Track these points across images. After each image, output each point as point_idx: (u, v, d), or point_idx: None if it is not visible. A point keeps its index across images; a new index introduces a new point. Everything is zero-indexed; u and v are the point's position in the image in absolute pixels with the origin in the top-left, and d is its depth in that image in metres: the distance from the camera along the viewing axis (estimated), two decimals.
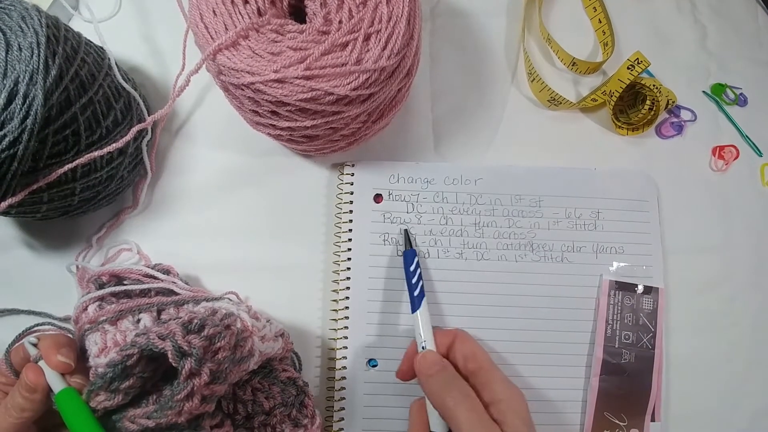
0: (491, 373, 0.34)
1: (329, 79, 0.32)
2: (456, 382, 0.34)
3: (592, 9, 0.48)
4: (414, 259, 0.40)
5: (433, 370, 0.34)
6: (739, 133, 0.46)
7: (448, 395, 0.33)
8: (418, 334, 0.37)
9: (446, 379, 0.34)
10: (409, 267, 0.40)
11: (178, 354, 0.28)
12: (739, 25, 0.49)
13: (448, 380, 0.34)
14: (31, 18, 0.33)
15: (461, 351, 0.36)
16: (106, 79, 0.38)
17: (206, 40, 0.33)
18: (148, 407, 0.29)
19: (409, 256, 0.40)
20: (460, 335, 0.37)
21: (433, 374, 0.34)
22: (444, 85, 0.46)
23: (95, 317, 0.34)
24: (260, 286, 0.42)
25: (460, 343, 0.36)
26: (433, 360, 0.35)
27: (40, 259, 0.43)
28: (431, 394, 0.34)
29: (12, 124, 0.31)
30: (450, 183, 0.43)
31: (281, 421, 0.35)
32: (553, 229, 0.43)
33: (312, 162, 0.45)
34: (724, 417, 0.42)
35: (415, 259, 0.40)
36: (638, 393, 0.40)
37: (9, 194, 0.33)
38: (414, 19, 0.35)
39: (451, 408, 0.32)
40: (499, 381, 0.34)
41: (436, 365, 0.35)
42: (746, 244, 0.44)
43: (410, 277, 0.39)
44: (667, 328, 0.42)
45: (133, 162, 0.41)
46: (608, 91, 0.44)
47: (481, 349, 0.36)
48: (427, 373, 0.34)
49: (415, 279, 0.39)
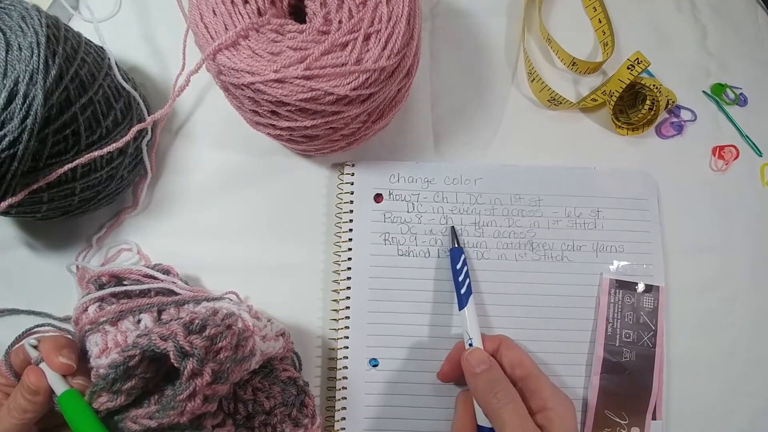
0: (540, 380, 0.34)
1: (329, 79, 0.32)
2: (503, 384, 0.34)
3: (592, 9, 0.48)
4: (461, 256, 0.40)
5: (481, 368, 0.35)
6: (739, 133, 0.46)
7: (494, 395, 0.33)
8: (465, 331, 0.38)
9: (493, 378, 0.34)
10: (456, 264, 0.40)
11: (180, 354, 0.28)
12: (739, 25, 0.49)
13: (495, 380, 0.34)
14: (31, 18, 0.33)
15: (507, 357, 0.36)
16: (106, 79, 0.38)
17: (206, 40, 0.33)
18: (150, 407, 0.29)
19: (456, 254, 0.40)
20: (505, 341, 0.37)
21: (480, 372, 0.34)
22: (444, 85, 0.46)
23: (95, 318, 0.34)
24: (260, 286, 0.42)
25: (506, 348, 0.36)
26: (480, 358, 0.35)
27: (40, 259, 0.43)
28: (477, 391, 0.34)
29: (12, 124, 0.31)
30: (450, 183, 0.43)
31: (282, 420, 0.35)
32: (553, 228, 0.43)
33: (312, 162, 0.45)
34: (724, 416, 0.42)
35: (462, 257, 0.40)
36: (639, 391, 0.40)
37: (9, 194, 0.33)
38: (414, 19, 0.35)
39: (495, 409, 0.32)
40: (549, 389, 0.34)
41: (483, 363, 0.35)
42: (746, 244, 0.44)
43: (457, 274, 0.40)
44: (667, 327, 0.42)
45: (133, 162, 0.41)
46: (608, 91, 0.44)
47: (528, 356, 0.36)
48: (475, 371, 0.35)
49: (462, 276, 0.39)
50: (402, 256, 0.42)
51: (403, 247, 0.42)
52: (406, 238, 0.42)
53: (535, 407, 0.33)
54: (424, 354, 0.41)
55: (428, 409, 0.40)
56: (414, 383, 0.41)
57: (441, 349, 0.41)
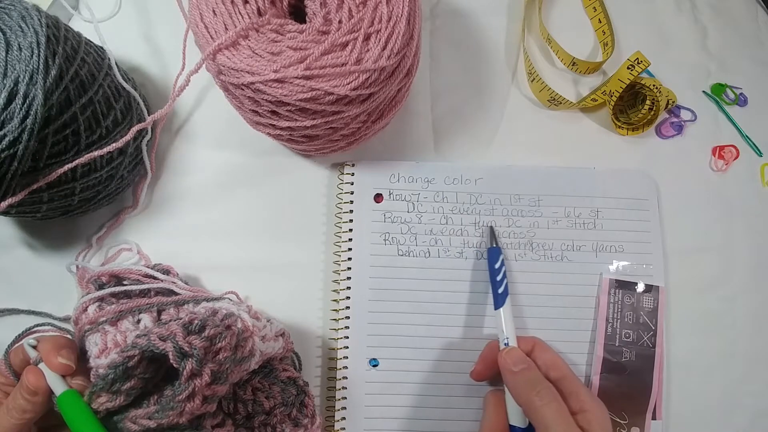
0: (576, 383, 0.35)
1: (329, 79, 0.32)
2: (543, 382, 0.34)
3: (592, 9, 0.48)
4: (499, 256, 0.40)
5: (519, 367, 0.35)
6: (739, 133, 0.46)
7: (535, 394, 0.33)
8: (500, 330, 0.38)
9: (533, 377, 0.34)
10: (494, 264, 0.40)
11: (179, 355, 0.28)
12: (739, 25, 0.49)
13: (535, 379, 0.34)
14: (31, 18, 0.33)
15: (542, 358, 0.36)
16: (106, 79, 0.38)
17: (206, 40, 0.33)
18: (149, 408, 0.29)
19: (494, 254, 0.41)
20: (539, 343, 0.37)
21: (518, 371, 0.35)
22: (444, 85, 0.46)
23: (95, 318, 0.34)
24: (260, 286, 0.42)
25: (540, 350, 0.37)
26: (519, 357, 0.35)
27: (40, 259, 0.43)
28: (516, 390, 0.34)
29: (12, 124, 0.31)
30: (450, 183, 0.43)
31: (281, 420, 0.35)
32: (553, 228, 0.43)
33: (312, 162, 0.45)
34: (724, 416, 0.42)
35: (500, 257, 0.40)
36: (639, 391, 0.40)
37: (9, 194, 0.33)
38: (414, 18, 0.35)
39: (538, 407, 0.32)
40: (585, 392, 0.34)
41: (522, 362, 0.35)
42: (746, 244, 0.44)
43: (495, 274, 0.40)
44: (667, 327, 0.42)
45: (133, 162, 0.41)
46: (608, 91, 0.44)
47: (561, 359, 0.36)
48: (513, 369, 0.35)
49: (500, 276, 0.40)
50: (402, 256, 0.42)
51: (403, 247, 0.42)
52: (406, 238, 0.42)
53: (575, 408, 0.33)
54: (424, 354, 0.41)
55: (428, 409, 0.40)
56: (414, 383, 0.41)
57: (441, 349, 0.41)
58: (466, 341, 0.41)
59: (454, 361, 0.41)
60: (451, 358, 0.41)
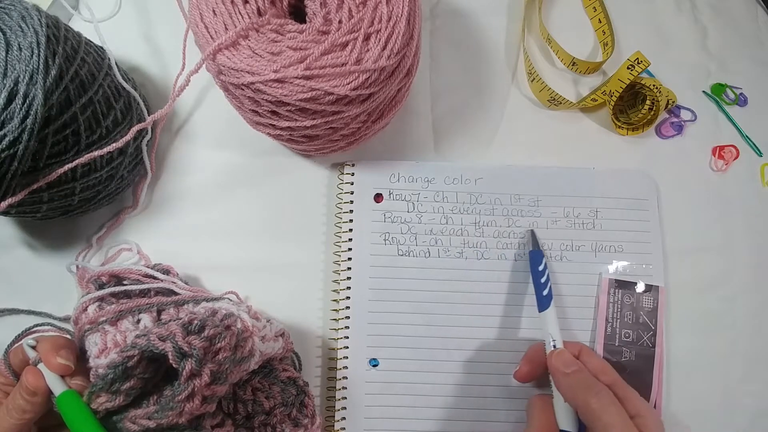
0: (627, 388, 0.34)
1: (329, 79, 0.32)
2: (600, 385, 0.33)
3: (592, 9, 0.48)
4: (542, 259, 0.40)
5: (571, 368, 0.34)
6: (739, 133, 0.46)
7: (593, 396, 0.32)
8: (547, 333, 0.38)
9: (588, 380, 0.34)
10: (537, 267, 0.40)
11: (179, 355, 0.28)
12: (739, 25, 0.49)
13: (590, 381, 0.34)
14: (31, 18, 0.33)
15: (591, 363, 0.36)
16: (106, 79, 0.38)
17: (206, 40, 0.33)
18: (149, 408, 0.29)
19: (536, 257, 0.41)
20: (586, 349, 0.37)
21: (571, 373, 0.34)
22: (444, 85, 0.46)
23: (95, 318, 0.34)
24: (260, 286, 0.42)
25: (587, 356, 0.36)
26: (570, 359, 0.35)
27: (40, 259, 0.43)
28: (570, 391, 0.34)
29: (12, 123, 0.31)
30: (450, 182, 0.43)
31: (281, 420, 0.35)
32: (552, 228, 0.43)
33: (312, 162, 0.45)
34: (724, 416, 0.42)
35: (543, 260, 0.40)
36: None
37: (9, 194, 0.33)
38: (414, 18, 0.35)
39: (596, 409, 0.32)
40: (638, 397, 0.34)
41: (573, 364, 0.35)
42: (746, 244, 0.44)
43: (538, 277, 0.40)
44: (667, 326, 0.42)
45: (133, 162, 0.41)
46: (608, 91, 0.44)
47: (609, 365, 0.36)
48: (565, 371, 0.34)
49: (543, 279, 0.40)
50: (402, 256, 0.42)
51: (403, 247, 0.42)
52: (406, 238, 0.42)
53: (630, 413, 0.33)
54: (424, 354, 0.41)
55: (428, 409, 0.40)
56: (414, 383, 0.41)
57: (442, 349, 0.41)
58: (467, 341, 0.41)
59: (454, 361, 0.41)
60: (452, 358, 0.41)
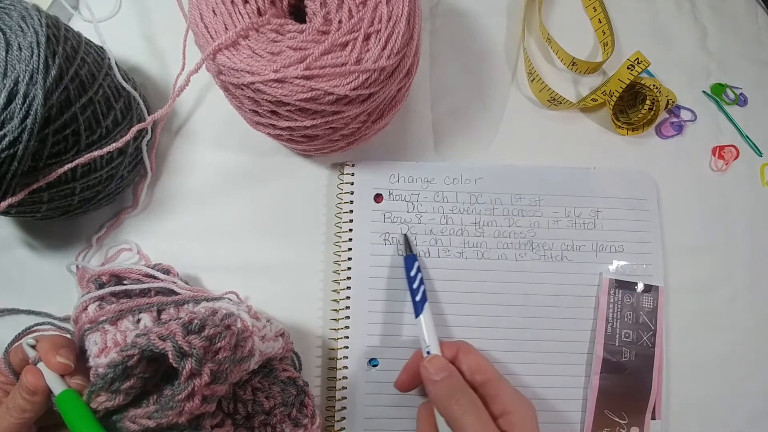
0: (500, 384, 0.34)
1: (329, 79, 0.32)
2: (463, 390, 0.33)
3: (592, 9, 0.48)
4: (414, 263, 0.40)
5: (440, 375, 0.34)
6: (739, 133, 0.46)
7: (455, 403, 0.32)
8: (422, 339, 0.37)
9: (453, 385, 0.34)
10: (409, 272, 0.40)
11: (179, 354, 0.28)
12: (739, 25, 0.49)
13: (455, 387, 0.33)
14: (31, 18, 0.33)
15: (466, 362, 0.35)
16: (106, 79, 0.38)
17: (206, 39, 0.33)
18: (148, 407, 0.29)
19: (410, 261, 0.40)
20: (463, 347, 0.36)
21: (439, 380, 0.34)
22: (444, 85, 0.46)
23: (95, 317, 0.34)
24: (260, 286, 0.42)
25: (464, 354, 0.36)
26: (440, 365, 0.35)
27: (40, 259, 0.43)
28: (437, 399, 0.34)
29: (12, 123, 0.31)
30: (450, 182, 0.43)
31: (281, 420, 0.35)
32: (553, 228, 0.43)
33: (312, 162, 0.45)
34: (724, 416, 0.42)
35: (415, 264, 0.40)
36: (639, 391, 0.40)
37: (9, 194, 0.33)
38: (414, 18, 0.35)
39: (458, 416, 0.32)
40: (509, 393, 0.33)
41: (443, 371, 0.34)
42: (746, 244, 0.44)
43: (411, 282, 0.39)
44: (667, 326, 0.42)
45: (133, 162, 0.41)
46: (608, 91, 0.44)
47: (486, 361, 0.35)
48: (434, 379, 0.34)
49: (416, 284, 0.39)
50: (402, 256, 0.42)
51: (403, 252, 0.42)
52: None
53: (497, 412, 0.33)
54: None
55: None
56: None
57: None
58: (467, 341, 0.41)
59: None
60: None
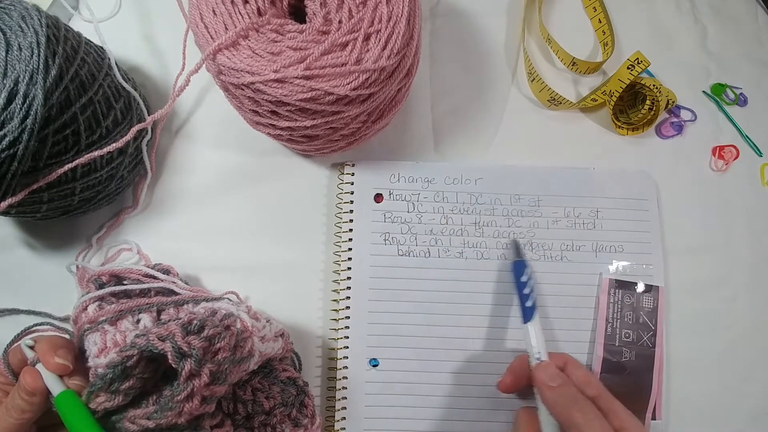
0: (613, 401, 0.34)
1: (329, 79, 0.32)
2: (585, 399, 0.33)
3: (592, 9, 0.48)
4: (525, 269, 0.40)
5: (556, 382, 0.34)
6: (739, 133, 0.46)
7: (577, 410, 0.32)
8: (530, 345, 0.37)
9: (573, 393, 0.33)
10: (519, 277, 0.40)
11: (178, 355, 0.28)
12: (739, 25, 0.49)
13: (575, 395, 0.33)
14: (31, 18, 0.33)
15: (576, 375, 0.35)
16: (106, 79, 0.38)
17: (206, 40, 0.33)
18: (148, 408, 0.29)
19: (520, 267, 0.40)
20: (571, 360, 0.36)
21: (556, 387, 0.34)
22: (444, 85, 0.46)
23: (95, 317, 0.34)
24: (260, 286, 0.42)
25: (573, 367, 0.36)
26: (555, 372, 0.35)
27: (40, 259, 0.43)
28: (555, 405, 0.34)
29: (12, 124, 0.31)
30: (450, 183, 0.43)
31: (281, 421, 0.35)
32: (552, 228, 0.43)
33: (312, 162, 0.45)
34: (724, 416, 0.42)
35: (526, 270, 0.40)
36: (639, 391, 0.40)
37: (9, 194, 0.33)
38: (414, 19, 0.35)
39: (580, 424, 0.31)
40: (623, 410, 0.33)
41: (559, 377, 0.34)
42: (746, 244, 0.44)
43: (521, 287, 0.39)
44: (667, 326, 0.42)
45: (133, 162, 0.41)
46: (608, 91, 0.44)
47: (595, 377, 0.36)
48: (550, 384, 0.34)
49: (527, 290, 0.39)
50: (402, 256, 0.42)
51: (403, 247, 0.42)
52: (406, 238, 0.42)
53: (615, 426, 0.32)
54: (424, 354, 0.41)
55: (428, 409, 0.40)
56: (414, 383, 0.41)
57: (442, 349, 0.41)
58: (467, 341, 0.41)
59: (454, 361, 0.41)
60: (452, 358, 0.41)
